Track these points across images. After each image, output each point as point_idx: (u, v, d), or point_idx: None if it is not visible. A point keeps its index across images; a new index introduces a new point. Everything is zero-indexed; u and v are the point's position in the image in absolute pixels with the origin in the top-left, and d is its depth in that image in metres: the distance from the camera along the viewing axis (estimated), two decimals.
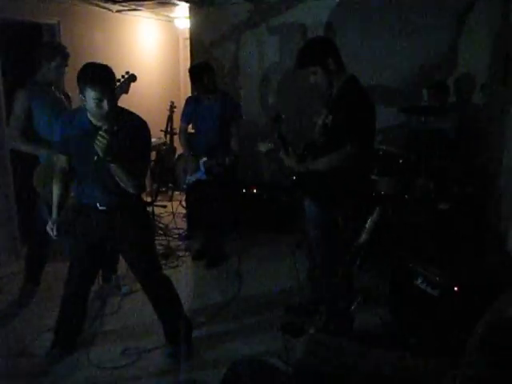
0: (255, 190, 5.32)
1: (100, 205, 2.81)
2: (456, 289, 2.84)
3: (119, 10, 6.24)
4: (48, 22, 4.94)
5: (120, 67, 3.54)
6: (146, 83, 6.73)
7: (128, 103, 2.91)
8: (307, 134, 3.60)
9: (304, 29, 5.24)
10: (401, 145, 4.61)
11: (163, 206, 6.10)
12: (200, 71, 4.31)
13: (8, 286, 4.05)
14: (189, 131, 4.69)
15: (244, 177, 5.14)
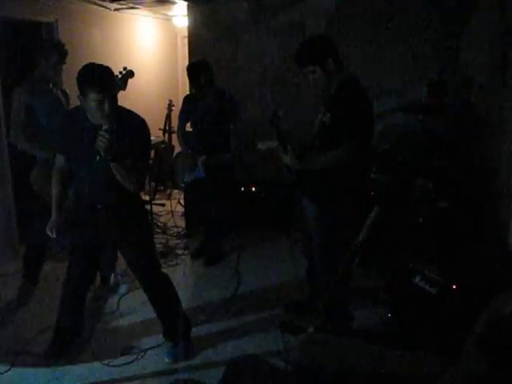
0: (253, 189, 5.32)
1: (99, 204, 2.81)
2: (454, 287, 2.85)
3: (117, 9, 6.24)
4: (46, 21, 4.94)
5: (118, 66, 3.53)
6: (145, 82, 6.74)
7: (126, 102, 2.90)
8: (305, 133, 3.60)
9: (303, 27, 5.24)
10: (399, 143, 4.61)
11: (162, 205, 6.10)
12: (198, 69, 4.28)
13: (6, 286, 4.04)
14: (187, 129, 4.69)
15: (242, 175, 5.13)
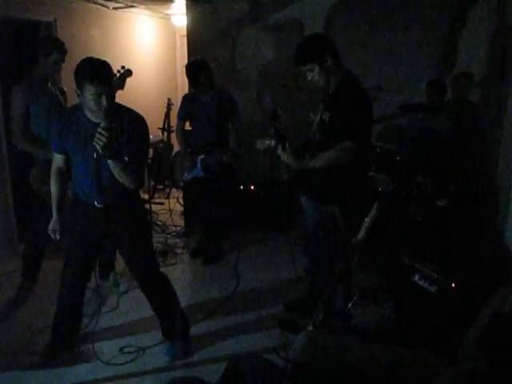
0: (252, 187, 5.32)
1: (98, 202, 2.80)
2: (453, 285, 2.86)
3: (116, 8, 6.23)
4: (45, 20, 4.93)
5: (116, 65, 3.51)
6: (143, 81, 6.73)
7: (125, 101, 2.90)
8: (304, 131, 3.60)
9: (301, 25, 5.24)
10: (398, 142, 4.61)
11: (160, 204, 6.10)
12: (196, 68, 4.27)
13: (6, 284, 4.04)
14: (186, 128, 4.69)
15: (241, 174, 5.14)
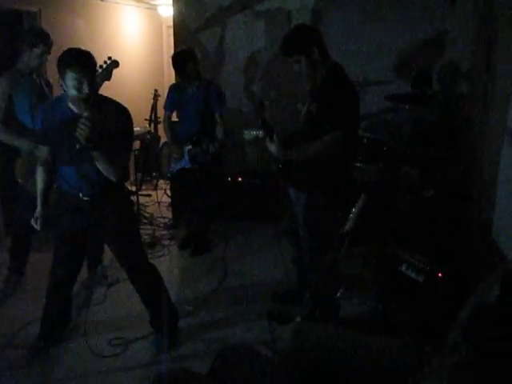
0: (240, 178, 5.31)
1: (83, 195, 2.79)
2: (440, 275, 2.88)
3: None
4: (29, 10, 4.85)
5: (103, 56, 3.49)
6: (130, 72, 6.67)
7: (111, 92, 2.88)
8: (292, 122, 3.59)
9: (289, 15, 5.21)
10: (385, 132, 4.63)
11: (148, 195, 6.08)
12: (183, 59, 4.23)
13: None
14: (173, 119, 4.66)
15: (229, 165, 5.13)
